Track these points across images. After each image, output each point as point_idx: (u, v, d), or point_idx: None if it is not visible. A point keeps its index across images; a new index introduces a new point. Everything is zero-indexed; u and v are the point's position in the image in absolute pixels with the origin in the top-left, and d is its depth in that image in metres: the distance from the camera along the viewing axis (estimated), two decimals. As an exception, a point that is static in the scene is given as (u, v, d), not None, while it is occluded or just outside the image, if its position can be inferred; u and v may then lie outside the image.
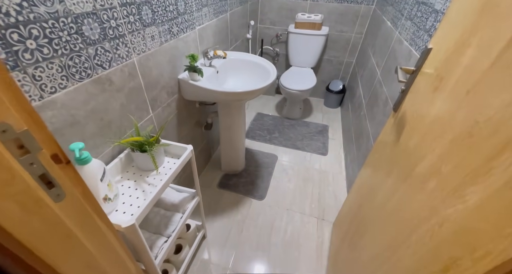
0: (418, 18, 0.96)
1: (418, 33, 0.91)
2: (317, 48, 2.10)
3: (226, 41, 1.51)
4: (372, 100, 1.34)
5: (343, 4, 1.95)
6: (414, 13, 1.01)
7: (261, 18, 2.21)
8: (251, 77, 1.31)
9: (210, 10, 1.20)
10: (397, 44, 1.14)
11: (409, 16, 1.06)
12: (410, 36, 0.99)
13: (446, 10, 0.62)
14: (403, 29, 1.10)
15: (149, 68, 0.83)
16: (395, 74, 0.66)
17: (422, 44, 0.86)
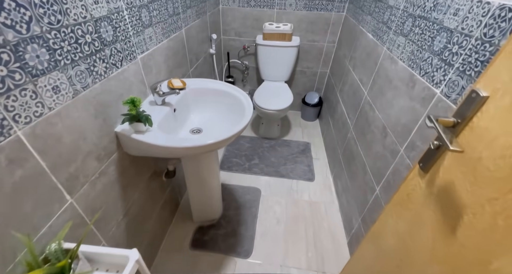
0: (416, 35, 0.79)
1: (422, 55, 0.75)
2: (290, 60, 1.91)
3: (185, 63, 1.23)
4: (362, 123, 1.17)
5: (312, 11, 1.79)
6: (409, 28, 0.84)
7: (224, 29, 1.95)
8: (220, 111, 1.04)
9: (157, 30, 0.91)
10: (387, 62, 0.98)
11: (401, 31, 0.90)
12: (408, 56, 0.83)
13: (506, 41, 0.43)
14: (394, 46, 0.94)
15: (55, 137, 0.52)
16: (426, 122, 0.47)
17: (432, 69, 0.69)
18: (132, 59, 0.77)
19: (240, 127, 0.80)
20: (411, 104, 0.77)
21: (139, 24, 0.79)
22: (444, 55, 0.65)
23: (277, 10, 1.81)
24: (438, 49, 0.68)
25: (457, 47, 0.61)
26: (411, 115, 0.77)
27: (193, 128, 1.00)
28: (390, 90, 0.92)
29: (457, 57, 0.60)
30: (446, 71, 0.64)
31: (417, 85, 0.75)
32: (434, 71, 0.68)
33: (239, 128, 0.79)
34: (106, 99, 0.67)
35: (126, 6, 0.71)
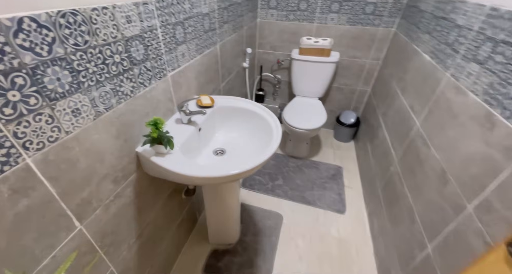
0: (498, 64, 0.63)
1: (507, 90, 0.58)
2: (326, 76, 1.78)
3: (216, 78, 1.20)
4: (411, 159, 0.99)
5: (356, 26, 1.65)
6: (486, 54, 0.68)
7: (260, 43, 1.91)
8: (247, 132, 0.97)
9: (191, 47, 0.88)
10: (451, 92, 0.81)
11: (473, 57, 0.73)
12: (484, 89, 0.66)
13: None
14: (462, 73, 0.77)
15: (70, 162, 0.49)
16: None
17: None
18: (162, 77, 0.74)
19: (266, 156, 0.71)
20: (487, 151, 0.60)
21: (172, 41, 0.76)
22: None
23: (317, 24, 1.72)
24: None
25: None
26: (487, 166, 0.59)
27: (216, 148, 0.94)
28: (453, 127, 0.75)
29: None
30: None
31: (498, 128, 0.58)
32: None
33: (265, 158, 0.70)
34: (130, 119, 0.64)
35: (160, 24, 0.68)
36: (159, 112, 0.76)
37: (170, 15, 0.72)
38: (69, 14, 0.43)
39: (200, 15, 0.90)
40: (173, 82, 0.81)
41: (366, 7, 1.57)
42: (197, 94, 1.01)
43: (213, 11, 1.01)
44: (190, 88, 0.94)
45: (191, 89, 0.95)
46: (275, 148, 0.75)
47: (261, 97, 2.14)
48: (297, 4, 1.66)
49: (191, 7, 0.83)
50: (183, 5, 0.77)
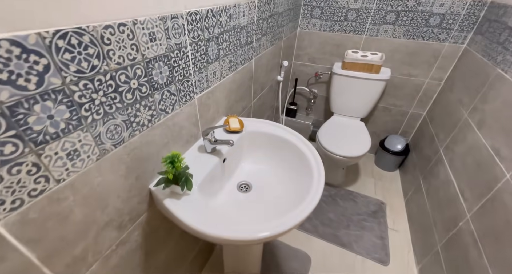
0: None
1: None
2: (373, 95, 1.55)
3: (248, 95, 1.07)
4: (496, 223, 0.73)
5: (416, 41, 1.41)
6: None
7: (297, 54, 1.76)
8: (278, 165, 0.81)
9: (224, 64, 0.76)
10: None
11: None
12: None
13: None
14: None
15: (60, 216, 0.39)
16: None
17: None
18: (188, 101, 0.63)
19: (305, 213, 0.54)
20: None
21: (203, 59, 0.64)
22: None
23: (366, 36, 1.51)
24: None
25: None
26: None
27: (241, 181, 0.80)
28: None
29: None
30: None
31: None
32: None
33: (303, 216, 0.54)
34: (144, 152, 0.53)
35: (191, 40, 0.57)
36: (180, 141, 0.65)
37: (203, 30, 0.61)
38: (71, 33, 0.33)
39: (237, 28, 0.78)
40: (200, 104, 0.69)
41: (430, 19, 1.33)
42: (225, 114, 0.88)
43: (252, 23, 0.89)
44: (219, 109, 0.82)
45: (220, 110, 0.83)
46: (317, 199, 0.58)
47: (293, 111, 1.97)
48: (345, 13, 1.48)
49: (228, 19, 0.71)
50: (219, 17, 0.66)
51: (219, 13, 0.65)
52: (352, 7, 1.45)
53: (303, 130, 2.00)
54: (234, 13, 0.73)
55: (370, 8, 1.41)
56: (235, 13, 0.74)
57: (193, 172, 0.59)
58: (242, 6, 0.77)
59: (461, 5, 1.24)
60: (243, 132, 0.82)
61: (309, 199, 0.58)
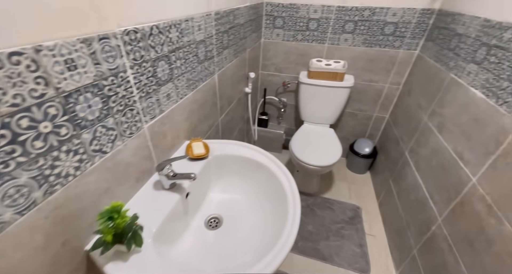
0: None
1: None
2: (339, 102, 1.58)
3: (214, 112, 0.99)
4: (469, 229, 0.75)
5: (374, 48, 1.47)
6: None
7: (264, 64, 1.73)
8: (251, 193, 0.74)
9: (181, 84, 0.67)
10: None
11: None
12: None
13: None
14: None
15: None
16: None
17: None
18: (134, 132, 0.52)
19: (280, 258, 0.47)
20: None
21: (151, 82, 0.55)
22: None
23: (329, 45, 1.53)
24: None
25: None
26: None
27: (210, 215, 0.70)
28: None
29: None
30: None
31: None
32: None
33: (280, 259, 0.47)
34: (73, 208, 0.41)
35: (132, 63, 0.47)
36: (128, 181, 0.54)
37: (148, 50, 0.51)
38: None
39: (193, 44, 0.70)
40: (153, 133, 0.59)
41: (385, 28, 1.39)
42: (188, 138, 0.79)
43: (211, 37, 0.81)
44: (179, 134, 0.73)
45: (180, 134, 0.74)
46: (293, 236, 0.52)
47: (265, 121, 1.93)
48: (306, 23, 1.49)
49: (181, 35, 0.62)
50: (168, 34, 0.57)
51: (167, 29, 0.56)
52: (313, 17, 1.46)
53: (276, 139, 1.96)
54: (187, 28, 0.65)
55: (330, 18, 1.44)
56: (188, 27, 0.65)
57: (147, 218, 0.49)
58: (196, 20, 0.69)
59: (412, 14, 1.32)
60: (209, 158, 0.73)
61: (281, 241, 0.51)
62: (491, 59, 0.80)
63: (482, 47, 0.86)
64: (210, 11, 0.77)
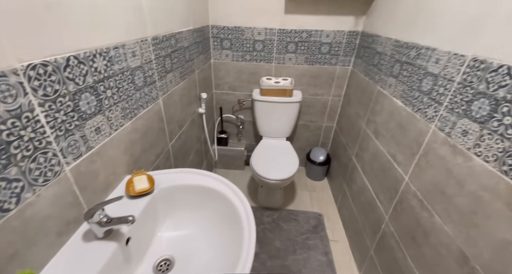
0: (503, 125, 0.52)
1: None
2: (291, 116, 1.67)
3: (162, 138, 0.93)
4: (409, 223, 0.83)
5: (315, 66, 1.61)
6: (486, 112, 0.58)
7: (217, 83, 1.74)
8: (204, 225, 0.70)
9: (114, 115, 0.61)
10: (444, 149, 0.69)
11: (464, 113, 0.63)
12: (494, 155, 0.54)
13: None
14: (452, 129, 0.67)
15: None
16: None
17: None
18: (51, 178, 0.45)
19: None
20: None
21: (72, 118, 0.48)
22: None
23: (276, 64, 1.63)
24: None
25: None
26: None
27: (160, 258, 0.63)
28: (463, 198, 0.62)
29: None
30: None
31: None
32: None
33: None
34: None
35: (41, 100, 0.41)
36: (45, 239, 0.45)
37: (64, 83, 0.46)
38: None
39: (127, 71, 0.66)
40: (79, 176, 0.52)
41: (321, 47, 1.55)
42: (129, 172, 0.71)
43: (149, 62, 0.78)
44: (116, 169, 0.65)
45: (118, 170, 0.66)
46: (251, 249, 0.50)
47: (224, 139, 1.91)
48: (253, 45, 1.57)
49: (110, 63, 0.58)
50: (92, 64, 0.52)
51: (91, 58, 0.52)
52: (258, 39, 1.54)
53: (237, 156, 1.95)
54: (117, 55, 0.61)
55: (273, 40, 1.54)
56: (119, 55, 0.61)
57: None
58: (128, 47, 0.66)
59: (341, 35, 1.51)
60: (155, 192, 0.67)
61: (241, 265, 0.49)
62: (404, 73, 0.95)
63: (397, 63, 1.01)
64: (146, 36, 0.75)
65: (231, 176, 1.93)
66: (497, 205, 0.52)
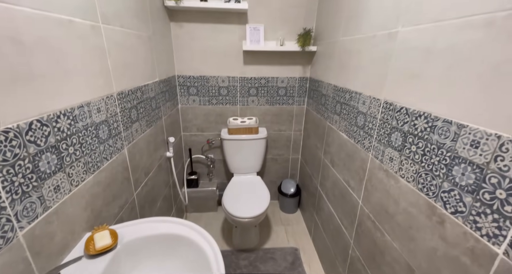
0: (416, 154, 0.66)
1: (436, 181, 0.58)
2: (259, 152, 1.76)
3: (127, 188, 0.92)
4: (369, 245, 0.90)
5: (275, 106, 1.80)
6: (400, 143, 0.73)
7: (185, 126, 1.81)
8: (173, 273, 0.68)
9: (75, 171, 0.63)
10: (381, 174, 0.82)
11: (387, 143, 0.79)
12: (412, 176, 0.67)
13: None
14: (383, 156, 0.81)
15: None
16: None
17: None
18: (2, 247, 0.43)
19: None
20: (450, 252, 0.55)
21: (29, 180, 0.49)
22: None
23: (240, 106, 1.79)
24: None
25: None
26: (458, 269, 0.53)
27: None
28: (399, 214, 0.72)
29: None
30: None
31: (451, 226, 0.55)
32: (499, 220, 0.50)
33: None
34: None
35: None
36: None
37: (25, 146, 0.48)
38: None
39: (91, 127, 0.70)
40: (33, 240, 0.50)
41: (279, 91, 1.77)
42: (90, 229, 0.69)
43: (115, 115, 0.83)
44: (75, 228, 0.63)
45: (77, 228, 0.64)
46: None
47: (194, 181, 1.89)
48: (218, 90, 1.72)
49: (74, 121, 0.62)
50: (55, 124, 0.56)
51: (54, 119, 0.56)
52: (222, 85, 1.71)
53: (209, 197, 1.92)
54: (82, 113, 0.65)
55: (236, 86, 1.72)
56: (83, 113, 0.66)
57: None
58: (94, 104, 0.71)
59: (294, 80, 1.75)
60: (118, 247, 0.65)
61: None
62: (344, 112, 1.14)
63: (338, 104, 1.21)
64: (112, 93, 0.81)
65: (204, 220, 1.86)
66: (421, 218, 0.63)
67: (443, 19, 0.57)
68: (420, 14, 0.64)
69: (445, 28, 0.56)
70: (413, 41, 0.67)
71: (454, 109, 0.54)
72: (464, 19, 0.51)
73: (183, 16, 1.52)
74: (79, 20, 0.64)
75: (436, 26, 0.59)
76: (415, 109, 0.66)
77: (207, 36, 1.58)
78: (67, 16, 0.60)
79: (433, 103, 0.60)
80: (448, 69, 0.55)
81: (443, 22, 0.57)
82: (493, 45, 0.46)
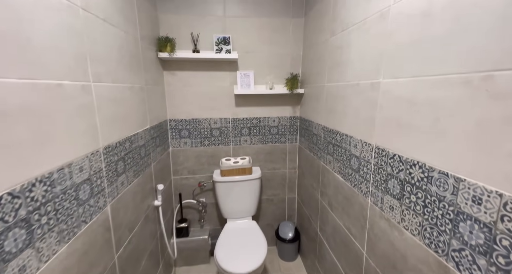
0: (417, 205, 0.63)
1: (443, 237, 0.54)
2: (254, 193, 1.69)
3: (106, 252, 0.82)
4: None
5: (268, 144, 1.80)
6: (398, 191, 0.70)
7: (175, 169, 1.75)
8: None
9: (46, 245, 0.55)
10: (383, 224, 0.77)
11: (385, 190, 0.76)
12: (416, 229, 0.62)
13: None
14: (382, 204, 0.77)
15: None
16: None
17: None
18: None
19: None
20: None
21: None
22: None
23: (233, 146, 1.78)
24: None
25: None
26: None
27: None
28: (409, 271, 0.66)
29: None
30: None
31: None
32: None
33: None
34: None
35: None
36: None
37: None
38: None
39: (70, 189, 0.65)
40: None
41: (271, 129, 1.79)
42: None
43: (99, 171, 0.79)
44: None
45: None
46: None
47: (184, 229, 1.73)
48: (210, 132, 1.72)
49: (51, 187, 0.57)
50: (28, 194, 0.51)
51: (28, 189, 0.51)
52: (214, 127, 1.72)
53: (201, 248, 1.75)
54: (61, 176, 0.61)
55: (229, 126, 1.74)
56: (63, 175, 0.62)
57: None
58: (76, 163, 0.67)
59: (285, 120, 1.79)
60: None
61: None
62: (337, 153, 1.13)
63: (329, 144, 1.21)
64: (98, 148, 0.78)
65: (193, 272, 1.66)
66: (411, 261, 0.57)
67: (421, 75, 0.60)
68: (400, 68, 0.68)
69: (424, 83, 0.59)
70: (396, 92, 0.70)
71: (448, 161, 0.53)
72: (442, 76, 0.55)
73: (176, 65, 1.60)
74: (68, 82, 0.65)
75: (416, 81, 0.62)
76: (408, 157, 0.66)
77: (200, 83, 1.65)
78: (56, 81, 0.60)
79: (426, 154, 0.60)
80: (435, 121, 0.57)
81: (421, 78, 0.60)
82: (472, 102, 0.48)
